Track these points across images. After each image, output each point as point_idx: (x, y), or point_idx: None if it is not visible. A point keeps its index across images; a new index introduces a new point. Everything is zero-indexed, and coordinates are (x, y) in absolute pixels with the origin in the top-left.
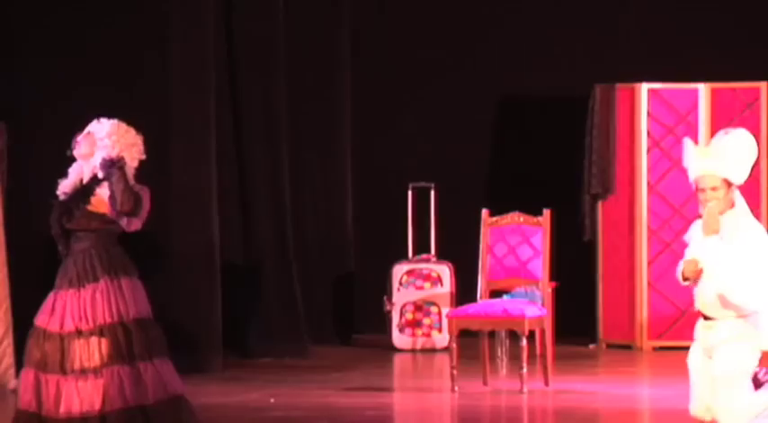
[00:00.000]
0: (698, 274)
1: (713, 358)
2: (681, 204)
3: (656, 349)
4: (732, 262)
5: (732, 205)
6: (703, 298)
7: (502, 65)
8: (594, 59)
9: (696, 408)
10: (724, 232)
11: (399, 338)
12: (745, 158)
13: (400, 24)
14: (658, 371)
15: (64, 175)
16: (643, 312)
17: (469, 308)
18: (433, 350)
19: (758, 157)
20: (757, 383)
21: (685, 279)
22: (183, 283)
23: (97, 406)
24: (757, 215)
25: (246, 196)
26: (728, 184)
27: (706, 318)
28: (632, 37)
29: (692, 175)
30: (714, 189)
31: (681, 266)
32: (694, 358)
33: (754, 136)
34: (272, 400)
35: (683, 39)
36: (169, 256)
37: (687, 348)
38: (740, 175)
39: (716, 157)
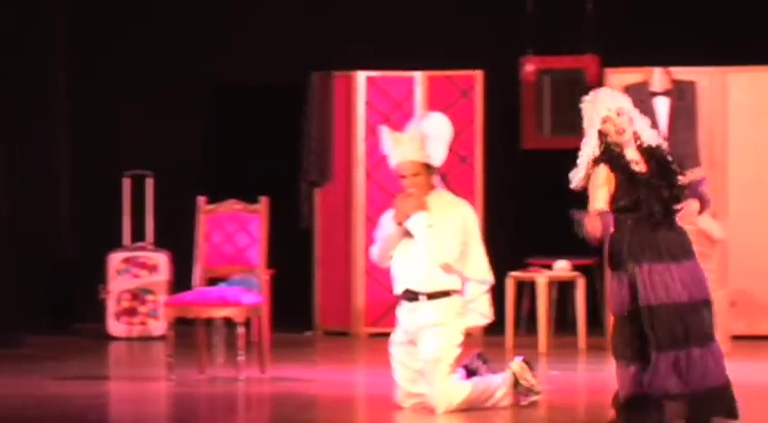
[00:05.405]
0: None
1: (419, 343)
2: (398, 192)
3: (371, 335)
4: (447, 233)
5: (434, 187)
6: (412, 274)
7: (217, 51)
8: (313, 47)
9: (399, 395)
10: (432, 210)
11: (115, 326)
12: (442, 141)
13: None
14: (374, 357)
15: None
16: (359, 299)
17: (186, 295)
18: (149, 338)
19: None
20: (469, 372)
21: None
22: None
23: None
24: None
25: None
26: (429, 167)
27: (410, 299)
28: (356, 25)
29: (393, 162)
30: (416, 175)
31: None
32: (397, 346)
33: (470, 122)
34: None
35: (403, 28)
36: None
37: None
38: (439, 158)
39: (414, 143)
